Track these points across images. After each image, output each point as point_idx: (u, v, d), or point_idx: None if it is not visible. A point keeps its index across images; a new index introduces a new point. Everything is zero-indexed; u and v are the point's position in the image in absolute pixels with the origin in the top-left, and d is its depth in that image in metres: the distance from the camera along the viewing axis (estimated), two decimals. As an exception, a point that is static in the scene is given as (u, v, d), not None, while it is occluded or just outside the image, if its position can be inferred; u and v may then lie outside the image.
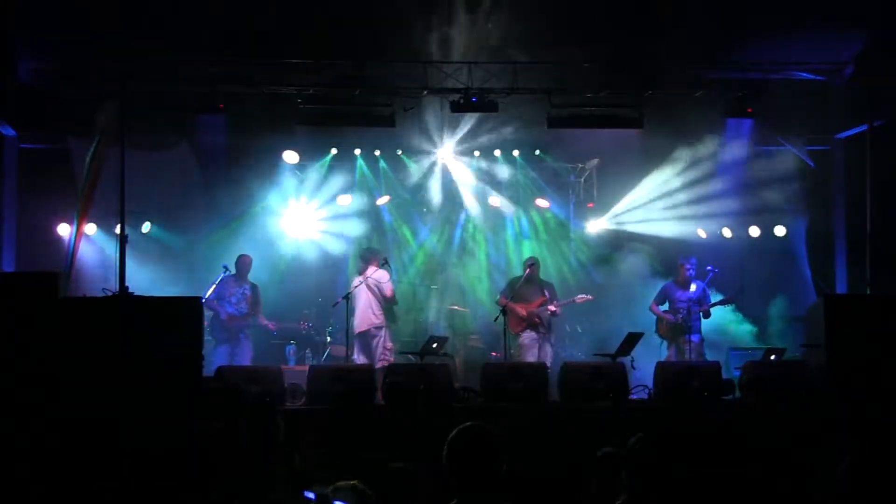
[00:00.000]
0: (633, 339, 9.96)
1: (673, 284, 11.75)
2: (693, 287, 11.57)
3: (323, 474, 5.12)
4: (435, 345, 10.09)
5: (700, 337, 11.43)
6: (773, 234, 13.34)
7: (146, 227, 12.43)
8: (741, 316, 12.74)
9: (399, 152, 13.29)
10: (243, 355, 11.27)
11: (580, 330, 13.09)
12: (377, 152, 13.26)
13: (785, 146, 12.68)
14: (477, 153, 13.33)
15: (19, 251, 11.24)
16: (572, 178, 14.26)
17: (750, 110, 11.43)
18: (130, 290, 8.08)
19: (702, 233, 13.43)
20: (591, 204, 14.03)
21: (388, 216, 13.83)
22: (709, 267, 11.63)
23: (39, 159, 11.72)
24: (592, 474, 5.43)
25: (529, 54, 10.91)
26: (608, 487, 5.06)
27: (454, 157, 13.40)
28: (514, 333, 11.45)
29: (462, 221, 13.92)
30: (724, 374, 9.61)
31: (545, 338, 11.55)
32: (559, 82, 11.27)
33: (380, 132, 11.93)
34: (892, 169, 10.75)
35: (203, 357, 7.53)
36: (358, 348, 11.53)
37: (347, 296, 11.01)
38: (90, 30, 10.12)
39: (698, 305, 11.42)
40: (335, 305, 11.51)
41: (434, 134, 12.84)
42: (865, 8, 10.48)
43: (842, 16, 10.39)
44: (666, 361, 10.57)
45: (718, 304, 11.62)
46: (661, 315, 11.60)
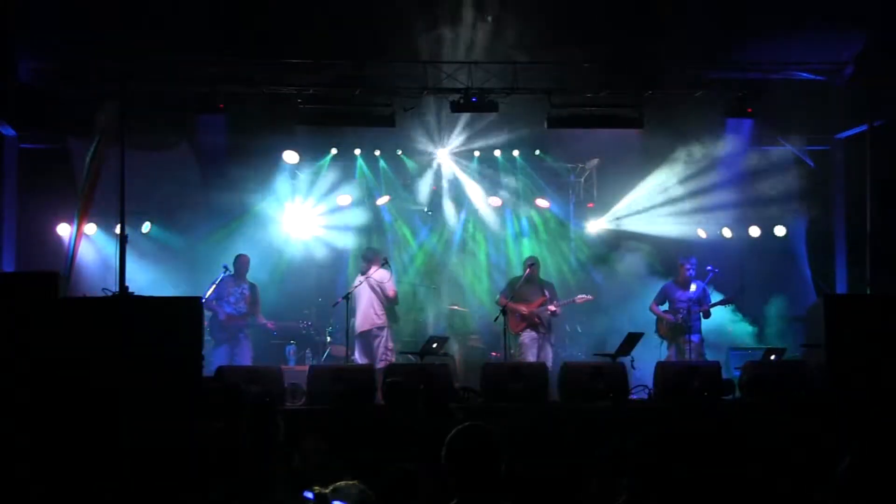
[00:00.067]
0: (633, 339, 9.97)
1: (673, 284, 11.75)
2: (693, 287, 11.57)
3: (323, 474, 5.12)
4: (435, 345, 10.10)
5: (700, 337, 11.43)
6: (773, 234, 13.33)
7: (146, 227, 12.44)
8: (741, 316, 12.75)
9: (399, 152, 13.29)
10: (243, 355, 11.26)
11: (580, 330, 13.09)
12: (377, 152, 13.26)
13: (785, 146, 12.66)
14: (477, 153, 13.33)
15: (19, 251, 11.24)
16: (572, 178, 14.26)
17: (750, 110, 11.43)
18: (130, 290, 8.07)
19: (702, 233, 13.42)
20: (591, 204, 14.03)
21: (388, 216, 13.83)
22: (709, 267, 11.63)
23: (39, 159, 11.72)
24: (592, 474, 5.43)
25: (529, 54, 10.91)
26: (608, 487, 5.06)
27: (454, 157, 13.41)
28: (514, 333, 11.46)
29: (462, 221, 13.91)
30: (724, 374, 9.62)
31: (545, 338, 11.55)
32: (559, 82, 11.27)
33: (380, 132, 11.94)
34: (892, 169, 10.75)
35: (203, 357, 7.54)
36: (359, 348, 11.53)
37: (348, 296, 11.00)
38: (90, 30, 10.13)
39: (698, 305, 11.42)
40: (335, 305, 11.51)
41: (434, 134, 12.83)
42: (865, 8, 10.49)
43: (842, 16, 10.39)
44: (666, 361, 10.57)
45: (718, 304, 11.63)
46: (661, 315, 11.60)
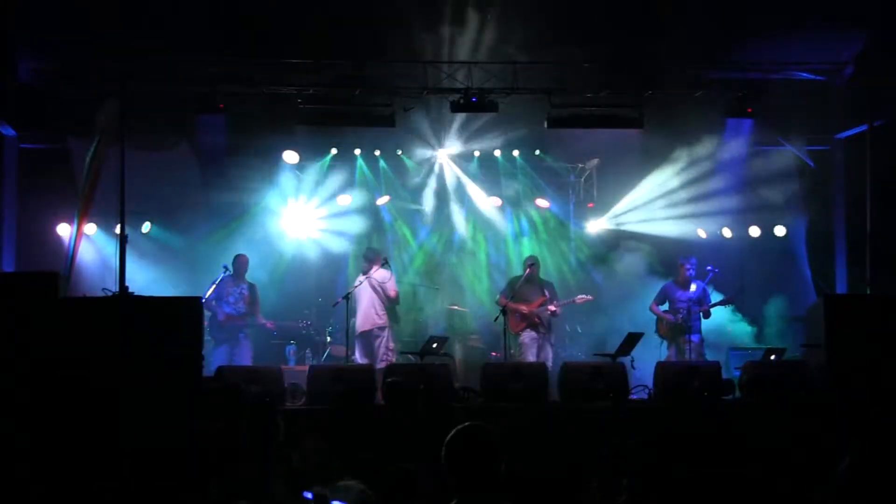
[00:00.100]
0: (634, 339, 9.97)
1: (673, 284, 11.74)
2: (693, 287, 11.56)
3: (323, 474, 5.12)
4: (435, 345, 10.09)
5: (700, 337, 11.42)
6: (773, 234, 13.33)
7: (146, 227, 12.44)
8: (741, 316, 12.75)
9: (399, 152, 13.29)
10: (243, 355, 11.25)
11: (580, 330, 13.08)
12: (377, 152, 13.25)
13: (785, 146, 12.66)
14: (477, 153, 13.33)
15: (19, 251, 11.24)
16: (572, 178, 14.25)
17: (750, 110, 11.43)
18: (130, 290, 8.07)
19: (702, 233, 13.42)
20: (591, 204, 14.02)
21: (388, 216, 13.82)
22: (709, 267, 11.63)
23: (39, 159, 11.72)
24: (592, 474, 5.43)
25: (529, 54, 10.90)
26: (608, 487, 5.06)
27: (454, 157, 13.41)
28: (514, 333, 11.46)
29: (462, 221, 13.91)
30: (724, 374, 9.61)
31: (545, 338, 11.55)
32: (559, 82, 11.26)
33: (380, 132, 11.94)
34: (892, 169, 10.74)
35: (203, 357, 7.53)
36: (359, 348, 11.52)
37: (348, 296, 11.00)
38: (90, 30, 10.13)
39: (698, 305, 11.42)
40: (335, 305, 11.51)
41: (434, 134, 12.83)
42: (865, 8, 10.48)
43: (842, 16, 10.38)
44: (666, 361, 10.56)
45: (718, 305, 11.63)
46: (662, 315, 11.60)
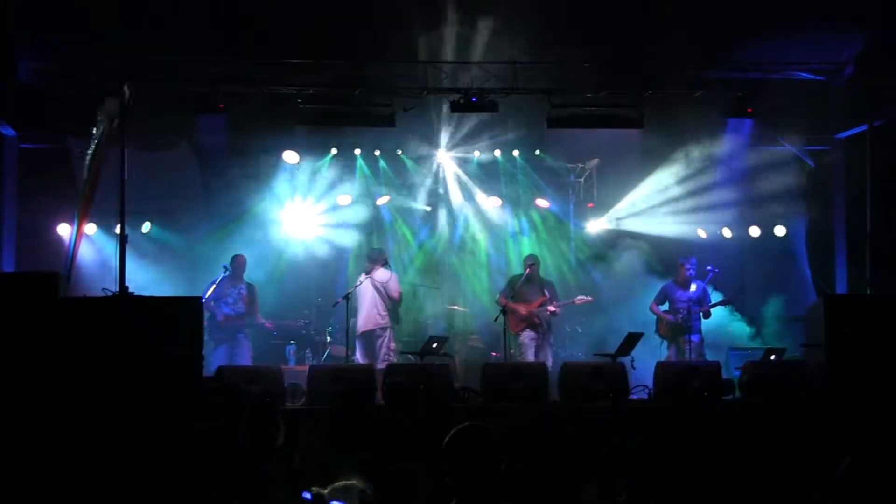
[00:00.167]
0: (634, 339, 9.96)
1: (673, 284, 11.74)
2: (693, 287, 11.56)
3: (323, 474, 5.12)
4: (435, 345, 10.08)
5: (700, 337, 11.42)
6: (773, 234, 13.33)
7: (146, 227, 12.43)
8: (741, 316, 12.75)
9: (399, 152, 13.29)
10: (242, 355, 11.24)
11: (580, 330, 13.08)
12: (377, 152, 13.25)
13: (785, 146, 12.66)
14: (477, 153, 13.33)
15: (19, 251, 11.23)
16: (572, 178, 14.24)
17: (750, 110, 11.43)
18: (130, 290, 8.06)
19: (702, 233, 13.42)
20: (591, 204, 14.03)
21: (388, 216, 13.82)
22: (709, 267, 11.62)
23: (39, 159, 11.70)
24: (593, 474, 5.42)
25: (529, 54, 10.89)
26: (608, 487, 5.06)
27: (454, 157, 13.41)
28: (514, 333, 11.46)
29: (462, 221, 13.91)
30: (724, 374, 9.60)
31: (545, 338, 11.55)
32: (559, 82, 11.26)
33: (380, 132, 11.94)
34: (892, 169, 10.74)
35: (203, 357, 7.53)
36: (360, 348, 11.52)
37: (348, 296, 11.00)
38: (90, 30, 10.12)
39: (698, 305, 11.42)
40: (335, 305, 11.51)
41: (434, 134, 12.84)
42: (865, 8, 10.48)
43: (842, 16, 10.38)
44: (666, 361, 10.56)
45: (718, 305, 11.63)
46: (662, 315, 11.60)
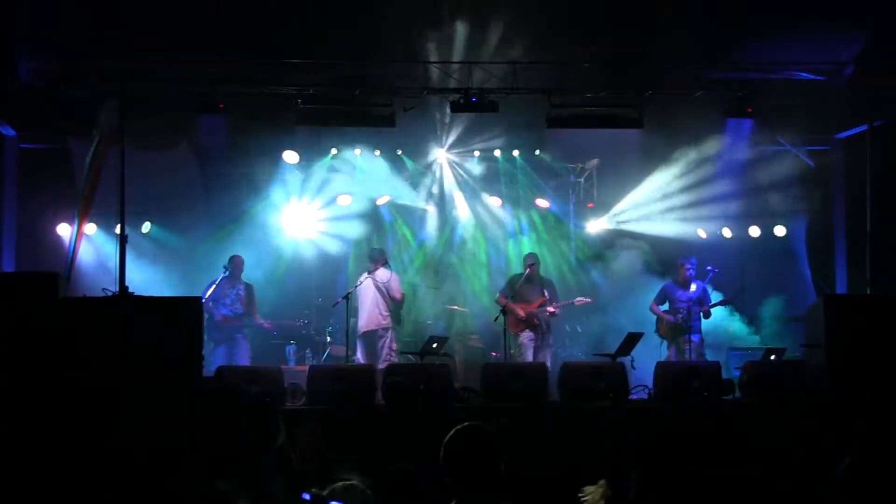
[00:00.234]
0: (633, 339, 9.96)
1: (673, 284, 11.74)
2: (693, 287, 11.56)
3: (323, 474, 5.11)
4: (435, 345, 10.09)
5: (700, 337, 11.42)
6: (773, 234, 13.33)
7: (146, 227, 12.43)
8: (741, 316, 12.75)
9: (399, 152, 13.29)
10: (241, 356, 11.23)
11: (580, 330, 13.09)
12: (377, 152, 13.25)
13: (785, 146, 12.66)
14: (477, 153, 13.33)
15: (19, 251, 11.22)
16: (572, 178, 14.24)
17: (750, 110, 11.44)
18: (130, 290, 8.07)
19: (702, 233, 13.42)
20: (591, 204, 14.03)
21: (388, 216, 13.82)
22: (709, 267, 11.62)
23: (39, 159, 11.70)
24: (593, 474, 5.40)
25: (529, 54, 10.89)
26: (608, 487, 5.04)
27: (454, 157, 13.41)
28: (514, 334, 11.46)
29: (462, 221, 13.91)
30: (724, 374, 9.59)
31: (544, 338, 11.55)
32: (559, 82, 11.27)
33: (380, 132, 11.94)
34: (892, 169, 10.73)
35: (203, 357, 7.53)
36: (361, 348, 11.52)
37: (348, 296, 11.00)
38: (90, 30, 10.13)
39: (698, 305, 11.42)
40: (335, 305, 11.52)
41: (434, 134, 12.84)
42: (865, 8, 10.49)
43: (842, 16, 10.38)
44: (666, 361, 10.56)
45: (719, 305, 11.64)
46: (662, 315, 11.59)
